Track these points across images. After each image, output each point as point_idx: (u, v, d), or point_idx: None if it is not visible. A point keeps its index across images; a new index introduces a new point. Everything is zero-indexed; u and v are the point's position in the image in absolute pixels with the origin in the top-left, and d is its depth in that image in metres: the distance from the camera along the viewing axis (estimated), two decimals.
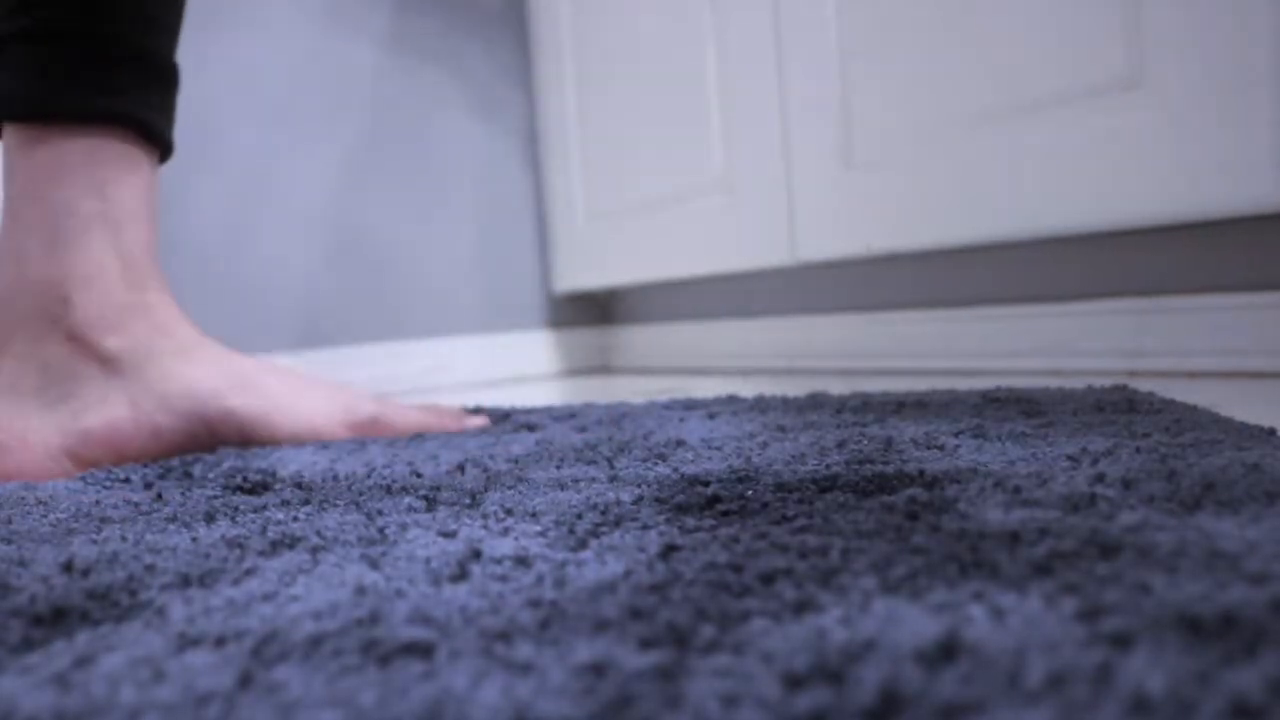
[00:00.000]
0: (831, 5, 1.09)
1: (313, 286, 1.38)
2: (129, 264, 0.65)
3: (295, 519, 0.39)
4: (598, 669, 0.21)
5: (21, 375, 0.60)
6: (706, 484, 0.41)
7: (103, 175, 0.63)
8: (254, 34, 1.35)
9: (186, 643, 0.25)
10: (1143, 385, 0.75)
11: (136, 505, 0.46)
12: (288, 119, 1.37)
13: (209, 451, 0.61)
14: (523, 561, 0.30)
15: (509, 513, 0.38)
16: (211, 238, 1.32)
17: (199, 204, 1.31)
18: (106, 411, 0.59)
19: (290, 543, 0.35)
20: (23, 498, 0.48)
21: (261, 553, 0.34)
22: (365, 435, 0.66)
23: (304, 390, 0.67)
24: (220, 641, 0.25)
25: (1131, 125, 0.84)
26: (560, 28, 1.50)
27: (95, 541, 0.37)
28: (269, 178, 1.36)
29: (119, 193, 0.65)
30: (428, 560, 0.31)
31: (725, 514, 0.36)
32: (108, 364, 0.63)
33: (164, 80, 0.66)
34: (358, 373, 1.40)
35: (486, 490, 0.43)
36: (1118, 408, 0.56)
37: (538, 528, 0.35)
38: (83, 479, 0.55)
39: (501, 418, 0.75)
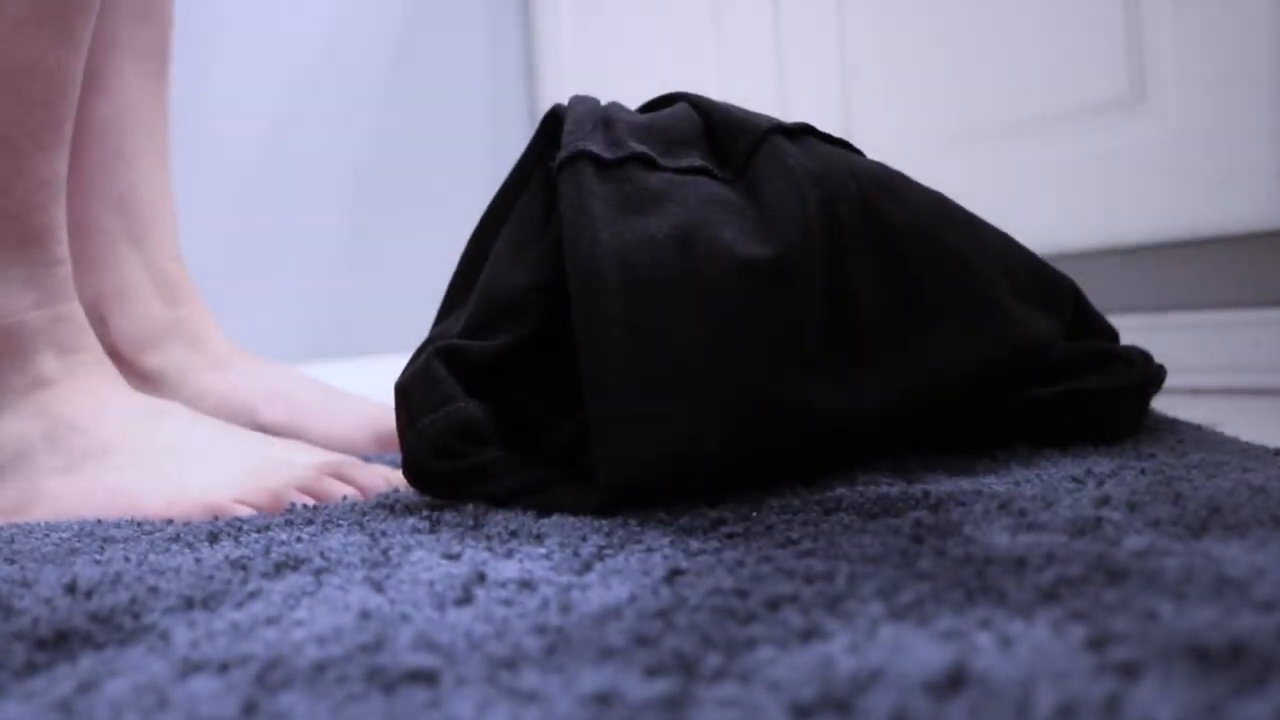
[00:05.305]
0: (834, 23, 1.10)
1: (321, 298, 1.39)
2: (159, 278, 0.65)
3: (299, 539, 0.39)
4: (603, 699, 0.21)
5: None
6: (711, 505, 0.41)
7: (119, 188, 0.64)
8: (258, 42, 1.35)
9: (190, 668, 0.25)
10: None
11: (139, 524, 0.46)
12: (293, 127, 1.37)
13: None
14: (527, 585, 0.30)
15: (513, 534, 0.37)
16: (217, 246, 1.32)
17: (203, 211, 1.31)
18: None
19: (294, 564, 0.35)
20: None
21: (265, 574, 0.34)
22: (394, 449, 0.65)
23: (335, 403, 0.67)
24: (224, 667, 0.24)
25: (1133, 143, 0.84)
26: (563, 41, 1.50)
27: (98, 562, 0.37)
28: (274, 185, 1.36)
29: (137, 205, 0.65)
30: (432, 584, 0.31)
31: (730, 536, 0.35)
32: (147, 381, 0.63)
33: None
34: (368, 385, 1.39)
35: (490, 511, 0.43)
36: None
37: (542, 550, 0.35)
38: None
39: None
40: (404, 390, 0.44)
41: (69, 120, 0.51)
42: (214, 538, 0.41)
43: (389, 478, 0.53)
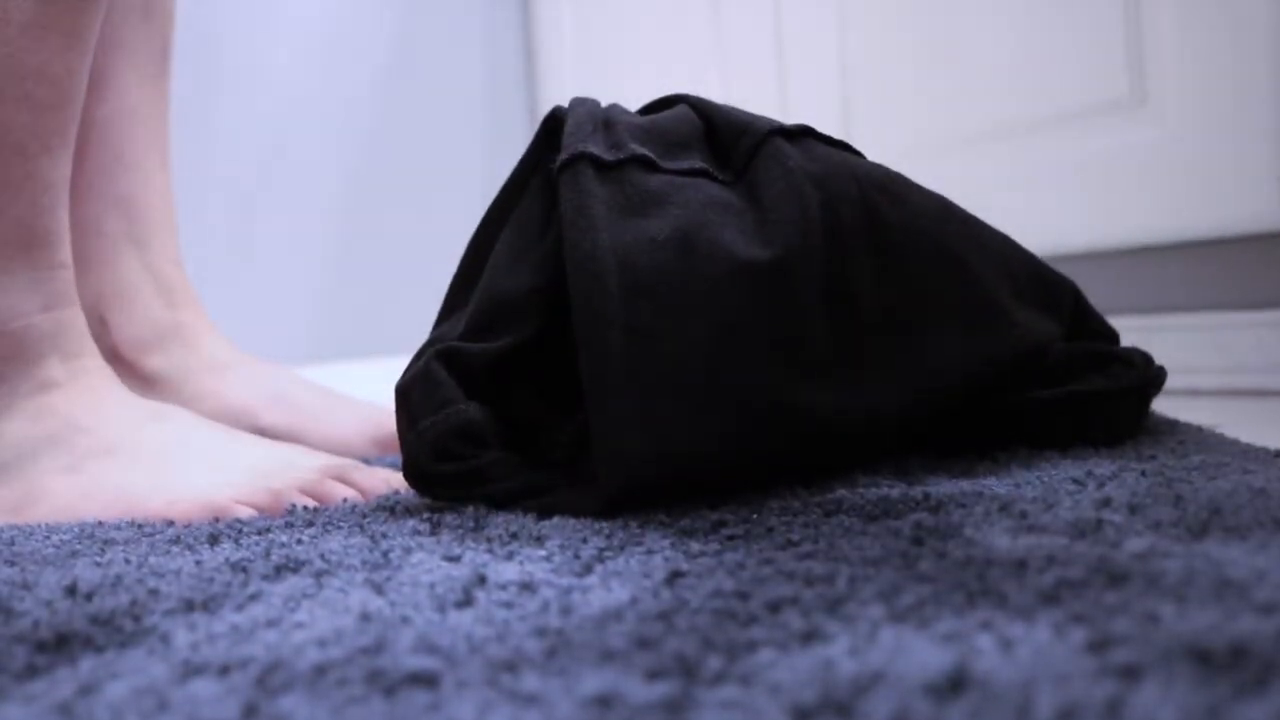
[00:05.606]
0: (834, 23, 1.10)
1: (319, 298, 1.39)
2: (159, 279, 0.65)
3: (299, 541, 0.39)
4: (604, 701, 0.21)
5: None
6: (712, 507, 0.41)
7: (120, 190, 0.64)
8: (258, 43, 1.35)
9: (190, 671, 0.25)
10: None
11: (140, 526, 0.46)
12: (292, 128, 1.37)
13: None
14: (528, 587, 0.30)
15: (514, 537, 0.37)
16: (217, 247, 1.32)
17: (202, 213, 1.31)
18: None
19: (294, 566, 0.35)
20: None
21: (265, 577, 0.33)
22: (394, 452, 0.65)
23: (335, 406, 0.68)
24: (224, 670, 0.24)
25: (1133, 144, 0.84)
26: (563, 41, 1.50)
27: (99, 564, 0.37)
28: (273, 187, 1.36)
29: (138, 206, 0.65)
30: (432, 586, 0.31)
31: (730, 538, 0.35)
32: (146, 382, 0.64)
33: None
34: (367, 387, 1.39)
35: (491, 513, 0.43)
36: None
37: (543, 552, 0.35)
38: None
39: None
40: (404, 392, 0.44)
41: (75, 123, 0.52)
42: (214, 540, 0.41)
43: (390, 480, 0.53)
